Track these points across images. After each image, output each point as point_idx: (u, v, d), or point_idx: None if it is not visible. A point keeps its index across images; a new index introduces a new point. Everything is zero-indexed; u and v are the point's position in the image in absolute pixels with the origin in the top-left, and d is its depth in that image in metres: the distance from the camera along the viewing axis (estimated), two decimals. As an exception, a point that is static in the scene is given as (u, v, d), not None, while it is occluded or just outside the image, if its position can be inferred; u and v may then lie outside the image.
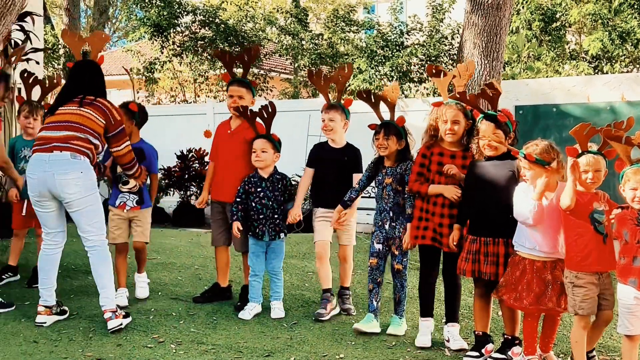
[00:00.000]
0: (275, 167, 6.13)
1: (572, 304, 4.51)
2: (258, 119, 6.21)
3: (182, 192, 12.96)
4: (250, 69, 17.50)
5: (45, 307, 5.55)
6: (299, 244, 8.73)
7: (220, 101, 18.79)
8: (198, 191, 12.79)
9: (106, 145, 5.70)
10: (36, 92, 7.38)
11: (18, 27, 9.73)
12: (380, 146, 5.60)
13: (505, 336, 5.03)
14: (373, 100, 5.82)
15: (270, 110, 6.14)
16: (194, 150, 12.90)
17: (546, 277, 4.64)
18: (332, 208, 5.99)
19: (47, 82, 7.33)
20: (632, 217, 4.24)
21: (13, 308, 5.92)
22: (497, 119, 4.96)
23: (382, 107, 5.77)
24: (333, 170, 6.04)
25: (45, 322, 5.50)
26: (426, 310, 5.46)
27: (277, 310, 5.96)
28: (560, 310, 4.69)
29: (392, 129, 5.57)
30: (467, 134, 5.33)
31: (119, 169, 6.16)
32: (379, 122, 5.68)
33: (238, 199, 6.07)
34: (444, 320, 5.62)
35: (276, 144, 6.09)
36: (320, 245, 6.11)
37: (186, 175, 12.80)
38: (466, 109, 5.29)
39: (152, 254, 8.15)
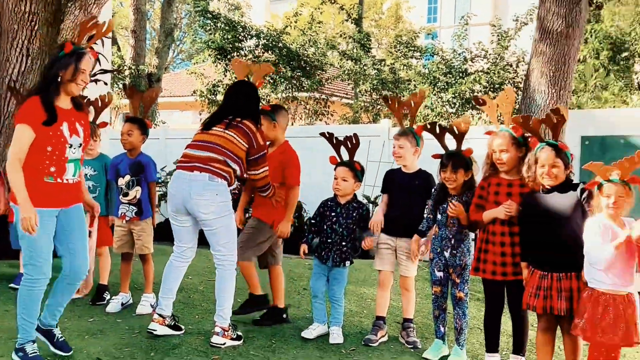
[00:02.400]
0: (355, 195, 6.11)
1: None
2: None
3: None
4: (312, 93, 17.39)
5: (161, 315, 5.65)
6: (357, 270, 8.66)
7: (291, 125, 18.92)
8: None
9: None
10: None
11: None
12: (448, 180, 5.55)
13: None
14: (438, 132, 5.82)
15: (354, 141, 6.15)
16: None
17: (626, 310, 4.52)
18: (395, 235, 5.98)
19: (99, 102, 7.30)
20: None
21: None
22: (558, 147, 4.87)
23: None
24: (402, 196, 5.98)
25: (156, 330, 5.59)
26: (492, 345, 5.37)
27: (336, 335, 5.92)
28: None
29: (460, 161, 5.52)
30: (523, 161, 5.18)
31: (120, 181, 6.53)
32: (442, 152, 5.65)
33: (313, 221, 6.11)
34: (505, 352, 5.54)
35: (358, 173, 6.08)
36: (384, 275, 6.08)
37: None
38: (517, 137, 5.21)
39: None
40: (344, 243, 5.96)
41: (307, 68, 18.44)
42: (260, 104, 6.06)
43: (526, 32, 15.67)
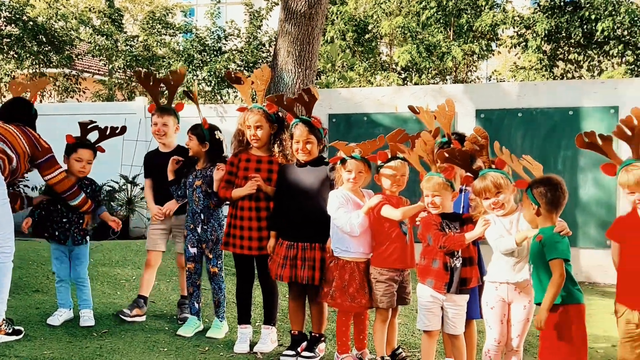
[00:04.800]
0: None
1: (374, 298, 4.81)
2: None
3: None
4: (62, 69, 16.50)
5: None
6: (111, 251, 8.49)
7: (39, 102, 17.81)
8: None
9: None
10: None
11: None
12: (189, 146, 5.65)
13: (312, 334, 5.22)
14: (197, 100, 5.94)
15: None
16: None
17: (368, 276, 4.88)
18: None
19: None
20: (436, 222, 4.50)
21: None
22: (311, 123, 5.10)
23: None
24: (165, 177, 5.90)
25: None
26: (244, 317, 5.51)
27: (87, 318, 5.78)
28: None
29: (194, 131, 5.64)
30: (274, 138, 5.41)
31: None
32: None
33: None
34: (257, 324, 5.73)
35: (96, 152, 5.96)
36: (154, 255, 6.08)
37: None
38: (270, 113, 5.38)
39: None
40: (81, 220, 5.83)
41: (56, 43, 17.54)
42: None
43: (277, 12, 16.09)
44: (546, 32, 14.97)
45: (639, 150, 4.06)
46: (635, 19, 14.43)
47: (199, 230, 5.64)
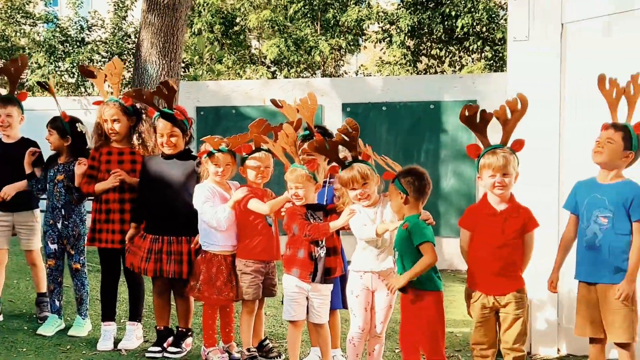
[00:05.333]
0: None
1: (240, 291, 4.84)
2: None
3: None
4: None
5: None
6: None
7: None
8: None
9: None
10: None
11: None
12: (47, 140, 5.48)
13: (179, 329, 5.19)
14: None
15: None
16: None
17: (235, 269, 4.89)
18: (10, 211, 5.77)
19: None
20: (301, 212, 4.55)
21: None
22: (173, 116, 5.04)
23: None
24: (10, 167, 5.70)
25: None
26: (108, 313, 5.40)
27: None
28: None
29: (54, 124, 5.49)
30: (134, 130, 5.32)
31: None
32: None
33: None
34: (123, 320, 5.62)
35: None
36: None
37: None
38: (126, 106, 5.28)
39: None
40: None
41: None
42: None
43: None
44: (409, 27, 15.39)
45: (508, 137, 4.22)
46: (493, 15, 15.08)
47: (59, 226, 5.47)
